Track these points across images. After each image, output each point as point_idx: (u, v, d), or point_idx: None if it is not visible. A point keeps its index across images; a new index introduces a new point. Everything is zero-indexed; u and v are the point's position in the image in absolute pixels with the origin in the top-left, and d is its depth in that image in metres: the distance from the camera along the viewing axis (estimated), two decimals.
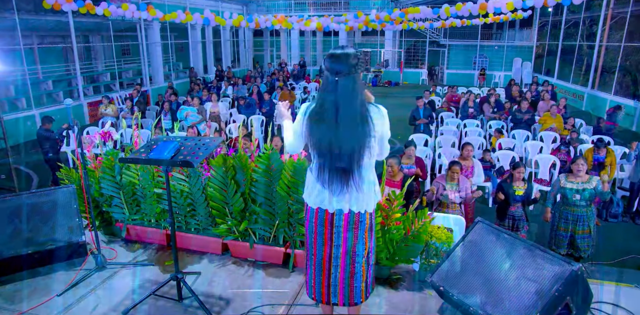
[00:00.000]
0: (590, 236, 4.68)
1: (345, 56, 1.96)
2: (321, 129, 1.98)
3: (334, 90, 1.96)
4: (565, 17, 17.29)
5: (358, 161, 2.01)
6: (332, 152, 1.99)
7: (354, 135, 1.97)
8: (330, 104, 1.97)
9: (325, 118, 1.97)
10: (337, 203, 2.11)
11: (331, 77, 1.97)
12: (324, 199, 2.11)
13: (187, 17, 10.20)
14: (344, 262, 2.19)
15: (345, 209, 2.12)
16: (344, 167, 2.00)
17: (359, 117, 1.97)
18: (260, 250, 3.20)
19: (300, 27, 11.88)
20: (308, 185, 2.20)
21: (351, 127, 1.96)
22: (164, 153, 2.31)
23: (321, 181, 2.07)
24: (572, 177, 4.69)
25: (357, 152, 1.99)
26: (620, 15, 13.87)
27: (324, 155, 2.02)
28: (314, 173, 2.11)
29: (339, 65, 1.95)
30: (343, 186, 2.04)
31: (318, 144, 2.01)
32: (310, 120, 2.02)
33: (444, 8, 10.77)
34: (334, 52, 1.99)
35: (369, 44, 24.44)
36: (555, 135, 8.58)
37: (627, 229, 6.16)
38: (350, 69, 1.95)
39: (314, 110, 2.03)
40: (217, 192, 3.07)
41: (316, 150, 2.04)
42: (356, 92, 1.97)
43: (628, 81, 14.06)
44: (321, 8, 22.44)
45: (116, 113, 9.43)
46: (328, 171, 2.03)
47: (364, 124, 1.97)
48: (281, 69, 19.22)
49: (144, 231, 3.52)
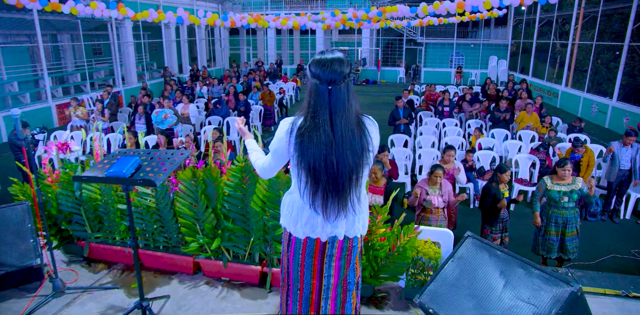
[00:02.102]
0: (578, 237, 4.64)
1: (338, 62, 1.69)
2: (315, 147, 1.70)
3: (326, 102, 1.70)
4: (539, 15, 17.50)
5: (357, 181, 1.77)
6: (328, 172, 1.73)
7: (353, 152, 1.72)
8: (323, 117, 1.70)
9: (319, 134, 1.69)
10: (331, 229, 1.86)
11: (322, 86, 1.70)
12: (316, 227, 1.86)
13: (159, 15, 9.80)
14: (335, 292, 1.96)
15: (340, 236, 1.88)
16: (341, 188, 1.76)
17: (356, 131, 1.73)
18: (235, 269, 2.97)
19: (277, 25, 11.61)
20: (291, 212, 1.92)
21: (349, 143, 1.71)
22: (122, 170, 2.06)
23: (314, 206, 1.80)
24: (557, 179, 4.63)
25: (356, 171, 1.75)
26: (591, 15, 14.07)
27: (318, 177, 1.74)
28: (305, 197, 1.82)
29: (331, 74, 1.69)
30: (339, 210, 1.79)
31: (311, 165, 1.72)
32: (301, 138, 1.72)
33: (421, 6, 10.67)
34: (323, 58, 1.71)
35: (346, 42, 24.30)
36: (533, 134, 8.59)
37: (606, 228, 6.18)
38: (345, 77, 1.70)
39: (303, 125, 1.73)
40: (187, 207, 2.82)
41: (308, 171, 1.75)
42: (351, 102, 1.72)
43: (599, 79, 14.29)
44: (297, 6, 22.17)
45: (86, 116, 8.99)
46: (322, 194, 1.76)
47: (362, 139, 1.74)
48: (258, 68, 18.88)
49: (108, 250, 3.25)
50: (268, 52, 23.48)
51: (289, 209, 1.94)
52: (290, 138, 1.77)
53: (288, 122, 1.82)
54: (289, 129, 1.79)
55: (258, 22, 11.01)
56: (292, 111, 14.15)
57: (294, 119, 1.81)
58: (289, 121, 1.81)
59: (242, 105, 9.92)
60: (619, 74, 12.19)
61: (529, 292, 2.10)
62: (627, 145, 6.18)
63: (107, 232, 3.20)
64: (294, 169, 1.82)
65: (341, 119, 1.71)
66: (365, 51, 23.94)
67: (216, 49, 21.72)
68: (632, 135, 6.21)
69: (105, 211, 3.12)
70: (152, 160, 2.23)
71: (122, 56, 14.65)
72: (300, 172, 1.79)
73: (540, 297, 2.06)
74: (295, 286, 1.99)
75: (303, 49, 24.45)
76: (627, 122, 11.70)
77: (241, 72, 17.60)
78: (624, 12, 12.58)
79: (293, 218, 1.91)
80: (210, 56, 21.39)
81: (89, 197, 3.10)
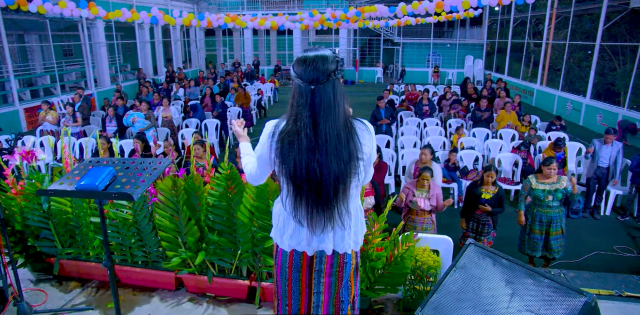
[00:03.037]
0: (563, 236, 4.64)
1: (321, 59, 1.54)
2: (296, 152, 1.56)
3: (309, 102, 1.54)
4: (513, 16, 17.77)
5: (344, 191, 1.61)
6: (311, 181, 1.57)
7: (338, 159, 1.55)
8: (305, 120, 1.55)
9: (301, 138, 1.55)
10: (317, 243, 1.71)
11: (304, 86, 1.55)
12: (301, 240, 1.71)
13: (133, 15, 9.41)
14: (327, 311, 1.81)
15: (328, 250, 1.72)
16: (326, 199, 1.59)
17: (343, 136, 1.56)
18: (221, 284, 2.77)
19: (254, 25, 11.38)
20: (278, 223, 1.78)
21: (334, 148, 1.55)
22: (95, 182, 1.84)
23: (297, 218, 1.65)
24: (542, 178, 4.62)
25: (342, 180, 1.58)
26: (563, 15, 14.35)
27: (300, 186, 1.59)
28: (288, 208, 1.68)
29: (313, 72, 1.53)
30: (326, 223, 1.63)
31: (292, 172, 1.58)
32: (281, 143, 1.58)
33: (400, 6, 10.63)
34: (305, 56, 1.56)
35: (324, 42, 24.19)
36: (513, 133, 8.64)
37: (588, 225, 6.24)
38: (329, 76, 1.54)
39: (285, 129, 1.59)
40: (167, 220, 2.61)
41: (290, 179, 1.60)
42: (337, 103, 1.56)
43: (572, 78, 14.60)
44: (274, 6, 21.95)
45: (55, 120, 8.56)
46: (306, 205, 1.61)
47: (349, 144, 1.57)
48: (235, 69, 18.57)
49: (81, 266, 2.99)
50: (245, 53, 23.16)
51: (276, 219, 1.79)
52: (272, 142, 1.62)
53: (272, 124, 1.67)
54: (271, 132, 1.64)
55: (235, 22, 10.76)
56: (271, 112, 13.93)
57: (278, 121, 1.65)
58: (273, 124, 1.66)
59: (219, 107, 9.65)
60: (592, 73, 12.43)
61: (539, 303, 1.99)
62: (607, 143, 6.24)
63: (80, 248, 2.95)
64: (278, 176, 1.66)
65: (325, 122, 1.54)
66: (342, 51, 23.88)
67: (192, 50, 21.28)
68: (611, 134, 6.27)
69: (77, 225, 2.87)
70: (127, 170, 2.02)
71: (94, 57, 14.14)
72: (284, 180, 1.63)
73: (552, 309, 1.94)
74: (284, 301, 1.84)
75: (280, 49, 24.23)
76: (601, 119, 11.95)
77: (218, 73, 17.25)
78: (594, 12, 12.85)
79: (279, 229, 1.77)
80: (185, 57, 20.93)
81: (59, 210, 2.85)
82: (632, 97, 11.10)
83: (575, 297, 1.93)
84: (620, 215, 6.43)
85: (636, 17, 11.28)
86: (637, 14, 11.14)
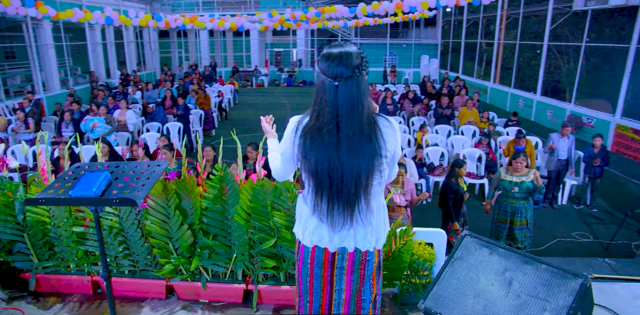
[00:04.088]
0: (527, 227, 4.86)
1: (346, 55, 1.53)
2: (318, 148, 1.55)
3: (332, 98, 1.54)
4: (466, 16, 18.46)
5: (365, 188, 1.60)
6: (333, 177, 1.57)
7: (361, 156, 1.55)
8: (329, 116, 1.54)
9: (323, 135, 1.54)
10: (339, 240, 1.70)
11: (328, 82, 1.54)
12: (323, 236, 1.70)
13: (86, 15, 8.91)
14: (348, 309, 1.80)
15: (350, 248, 1.72)
16: (347, 196, 1.59)
17: (366, 132, 1.55)
18: (215, 290, 2.69)
19: (213, 26, 11.16)
20: (300, 219, 1.77)
21: (356, 145, 1.54)
22: (92, 188, 1.73)
23: (318, 214, 1.64)
24: (511, 170, 4.83)
25: (364, 177, 1.57)
26: (513, 16, 15.06)
27: (322, 182, 1.59)
28: (310, 204, 1.67)
29: (338, 68, 1.52)
30: (347, 220, 1.63)
31: (314, 168, 1.57)
32: (304, 139, 1.58)
33: (360, 7, 10.77)
34: (330, 52, 1.56)
35: (282, 44, 24.13)
36: (474, 129, 8.97)
37: (547, 214, 6.58)
38: (354, 71, 1.53)
39: (308, 125, 1.59)
40: (158, 226, 2.50)
41: (312, 175, 1.60)
42: (361, 100, 1.54)
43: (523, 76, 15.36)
44: (230, 7, 21.64)
45: (3, 126, 8.01)
46: (327, 202, 1.60)
47: (372, 141, 1.57)
48: (193, 71, 18.14)
49: (61, 280, 2.81)
50: (201, 54, 22.68)
51: (299, 214, 1.78)
52: (295, 138, 1.62)
53: (295, 120, 1.66)
54: (294, 128, 1.64)
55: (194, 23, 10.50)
56: (232, 114, 13.73)
57: (301, 117, 1.65)
58: (296, 119, 1.66)
59: (182, 109, 9.39)
60: (541, 71, 13.13)
61: (539, 287, 2.07)
62: (564, 136, 6.60)
63: (60, 260, 2.77)
64: (301, 172, 1.66)
65: (348, 118, 1.54)
66: (300, 52, 23.92)
67: (146, 52, 20.56)
68: (568, 127, 6.64)
69: (57, 236, 2.69)
70: (123, 174, 1.92)
71: (42, 60, 13.34)
72: (306, 176, 1.64)
73: (552, 292, 2.03)
74: (305, 298, 1.82)
75: (237, 51, 23.93)
76: (551, 114, 12.64)
77: (175, 75, 16.78)
78: (540, 14, 13.59)
79: (302, 225, 1.76)
80: (139, 60, 20.20)
81: (35, 221, 2.66)
82: (577, 93, 11.81)
83: (572, 279, 2.03)
84: (576, 204, 6.83)
85: (577, 19, 12.02)
86: (578, 17, 11.88)
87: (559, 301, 1.99)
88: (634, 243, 5.56)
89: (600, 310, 2.77)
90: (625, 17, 11.03)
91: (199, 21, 10.66)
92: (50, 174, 2.62)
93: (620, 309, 2.77)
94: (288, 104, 16.14)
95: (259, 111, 14.50)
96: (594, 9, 10.18)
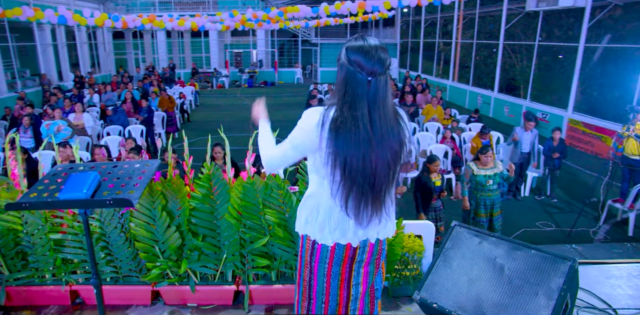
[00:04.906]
0: (501, 216, 5.05)
1: (382, 50, 1.53)
2: (352, 143, 1.52)
3: (365, 92, 1.52)
4: (424, 17, 18.93)
5: (393, 180, 1.61)
6: (366, 171, 1.55)
7: (391, 149, 1.56)
8: (363, 110, 1.52)
9: (359, 130, 1.51)
10: (363, 233, 1.69)
11: (361, 76, 1.51)
12: (347, 231, 1.67)
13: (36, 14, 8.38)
14: (363, 302, 1.79)
15: (372, 239, 1.72)
16: (379, 190, 1.58)
17: (394, 126, 1.57)
18: (203, 293, 2.61)
19: (173, 26, 10.86)
20: (316, 217, 1.70)
21: (388, 139, 1.55)
22: (82, 190, 1.63)
23: (346, 209, 1.61)
24: (481, 165, 4.98)
25: (394, 170, 1.59)
26: (469, 17, 15.60)
27: (354, 177, 1.56)
28: (338, 200, 1.62)
29: (375, 65, 1.51)
30: (374, 212, 1.62)
31: (348, 164, 1.54)
32: (335, 132, 1.53)
33: (323, 7, 10.81)
34: (367, 45, 1.53)
35: (241, 44, 23.86)
36: (438, 125, 9.22)
37: (512, 206, 6.85)
38: (386, 68, 1.54)
39: (339, 119, 1.53)
40: (143, 228, 2.40)
41: (343, 171, 1.56)
42: (388, 94, 1.56)
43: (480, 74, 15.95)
44: (188, 7, 21.15)
45: None
46: (359, 195, 1.58)
47: (400, 134, 1.58)
48: (151, 73, 17.60)
49: (36, 292, 2.64)
50: (158, 56, 22.03)
51: (312, 213, 1.71)
52: (322, 132, 1.56)
53: (317, 113, 1.59)
54: (320, 120, 1.57)
55: (153, 23, 10.17)
56: (194, 116, 13.43)
57: (323, 110, 1.59)
58: (319, 112, 1.59)
59: (145, 112, 9.09)
60: (498, 69, 13.67)
61: (531, 272, 2.15)
62: (528, 130, 6.89)
63: (34, 271, 2.60)
64: (324, 167, 1.60)
65: (380, 114, 1.54)
66: (261, 53, 23.74)
67: (100, 53, 19.75)
68: (531, 121, 6.94)
69: (31, 244, 2.52)
70: (111, 175, 1.82)
71: None
72: (333, 171, 1.58)
73: (543, 276, 2.11)
74: (320, 299, 1.78)
75: (195, 52, 23.44)
76: (508, 110, 13.18)
77: (133, 77, 16.21)
78: (495, 15, 14.15)
79: (319, 223, 1.69)
80: (93, 61, 19.38)
81: (6, 230, 2.48)
82: (532, 90, 12.38)
83: (562, 262, 2.12)
84: (537, 195, 7.15)
85: (529, 19, 12.62)
86: (530, 17, 12.47)
87: (551, 284, 2.07)
88: (591, 229, 5.88)
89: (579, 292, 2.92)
90: (571, 18, 11.70)
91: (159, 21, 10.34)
92: (23, 178, 2.45)
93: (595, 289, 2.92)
94: (251, 105, 15.98)
95: (221, 113, 14.25)
96: (545, 10, 10.69)
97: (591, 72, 10.58)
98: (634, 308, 2.67)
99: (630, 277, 3.04)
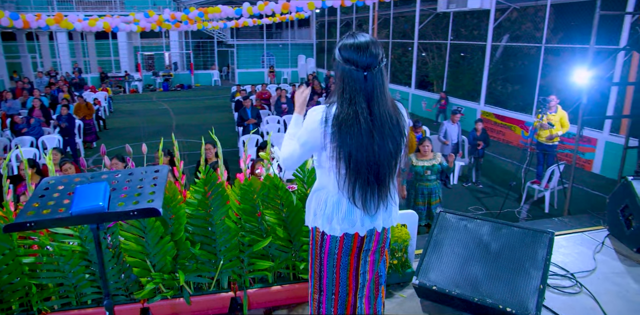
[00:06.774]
0: (440, 205, 5.40)
1: (373, 45, 1.61)
2: (356, 135, 1.60)
3: (363, 87, 1.60)
4: (340, 17, 19.47)
5: (395, 169, 1.71)
6: (370, 162, 1.63)
7: (392, 140, 1.65)
8: (362, 104, 1.60)
9: (360, 123, 1.59)
10: (370, 222, 1.76)
11: (357, 72, 1.60)
12: (354, 221, 1.73)
13: None
14: (369, 290, 1.87)
15: (379, 227, 1.80)
16: (383, 179, 1.68)
17: (393, 117, 1.66)
18: (198, 303, 2.49)
19: (83, 27, 10.00)
20: (324, 210, 1.76)
21: (389, 130, 1.64)
22: (97, 201, 1.49)
23: (353, 200, 1.68)
24: (420, 156, 5.30)
25: (395, 159, 1.68)
26: (384, 17, 16.36)
27: (359, 169, 1.63)
28: (345, 191, 1.69)
29: (369, 59, 1.59)
30: (382, 201, 1.71)
31: (352, 156, 1.62)
32: (338, 127, 1.61)
33: (246, 7, 10.67)
34: (357, 42, 1.61)
35: (153, 46, 22.68)
36: None
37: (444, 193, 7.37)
38: (380, 61, 1.63)
39: (340, 115, 1.61)
40: (133, 242, 2.23)
41: (348, 163, 1.64)
42: (385, 87, 1.65)
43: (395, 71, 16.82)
44: (90, 7, 19.59)
45: None
46: (362, 186, 1.66)
47: (399, 124, 1.68)
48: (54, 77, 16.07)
49: None
50: (60, 59, 20.13)
51: (320, 206, 1.78)
52: (326, 128, 1.63)
53: (320, 110, 1.67)
54: (323, 118, 1.64)
55: (60, 23, 9.30)
56: (111, 123, 12.53)
57: (325, 107, 1.67)
58: (321, 110, 1.67)
59: (65, 120, 8.30)
60: (414, 67, 14.53)
61: (519, 246, 2.37)
62: (454, 122, 7.45)
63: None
64: (329, 161, 1.68)
65: (380, 106, 1.64)
66: (175, 55, 22.76)
67: None
68: (457, 114, 7.51)
69: None
70: (118, 184, 1.68)
71: None
72: (338, 164, 1.66)
73: (530, 249, 2.34)
74: (330, 290, 1.84)
75: (102, 55, 21.81)
76: (425, 105, 14.08)
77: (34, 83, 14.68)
78: (409, 15, 15.02)
79: (327, 215, 1.76)
80: None
81: None
82: (447, 86, 13.34)
83: (542, 235, 2.38)
84: (465, 182, 7.77)
85: (440, 20, 13.60)
86: (440, 18, 13.44)
87: (536, 256, 2.31)
88: (516, 210, 6.54)
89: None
90: (476, 19, 12.84)
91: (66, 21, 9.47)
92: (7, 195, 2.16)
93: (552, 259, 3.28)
94: (170, 109, 15.32)
95: (139, 118, 13.47)
96: (455, 11, 11.58)
97: (494, 68, 11.72)
98: (585, 271, 3.05)
99: (575, 245, 3.46)
